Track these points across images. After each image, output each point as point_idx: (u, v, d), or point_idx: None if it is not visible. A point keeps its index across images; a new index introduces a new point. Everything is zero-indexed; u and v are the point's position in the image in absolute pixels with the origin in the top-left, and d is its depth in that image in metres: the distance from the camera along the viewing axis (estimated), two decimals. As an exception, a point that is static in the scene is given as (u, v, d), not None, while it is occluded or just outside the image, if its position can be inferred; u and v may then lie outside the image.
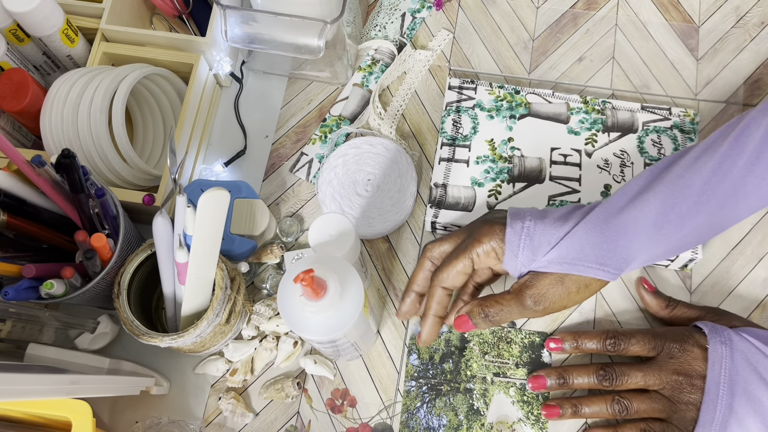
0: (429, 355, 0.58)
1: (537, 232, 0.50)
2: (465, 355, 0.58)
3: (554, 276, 0.50)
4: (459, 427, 0.56)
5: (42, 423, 0.52)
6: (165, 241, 0.52)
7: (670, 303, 0.58)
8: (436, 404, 0.56)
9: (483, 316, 0.53)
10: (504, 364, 0.57)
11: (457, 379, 0.57)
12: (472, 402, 0.57)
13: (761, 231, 0.63)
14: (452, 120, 0.67)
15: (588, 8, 0.75)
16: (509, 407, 0.57)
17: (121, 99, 0.59)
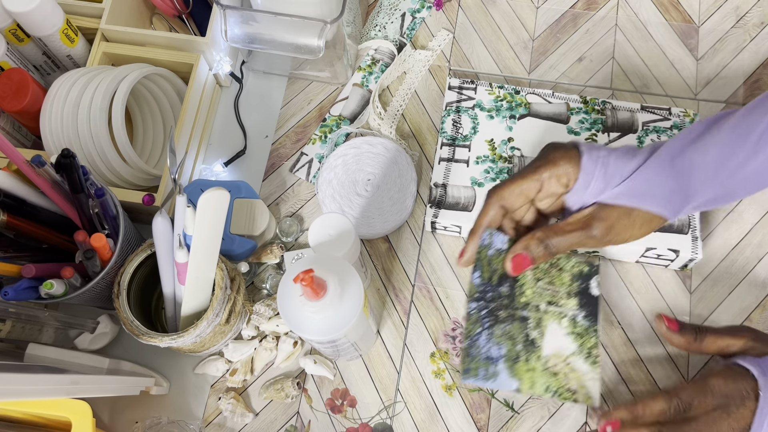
0: (489, 275, 0.54)
1: (611, 163, 0.50)
2: (519, 279, 0.54)
3: (623, 209, 0.50)
4: (517, 358, 0.53)
5: (42, 423, 0.52)
6: (165, 241, 0.52)
7: (697, 335, 0.53)
8: (494, 332, 0.53)
9: (543, 246, 0.51)
10: (556, 292, 0.55)
11: (512, 305, 0.54)
12: (527, 332, 0.54)
13: (761, 231, 0.63)
14: (452, 120, 0.67)
15: (588, 8, 0.75)
16: (563, 339, 0.54)
17: (121, 99, 0.59)
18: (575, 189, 0.51)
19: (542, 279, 0.55)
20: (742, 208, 0.64)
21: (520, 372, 0.52)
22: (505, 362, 0.52)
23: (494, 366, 0.52)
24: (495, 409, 0.59)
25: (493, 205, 0.52)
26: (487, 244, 0.53)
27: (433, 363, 0.61)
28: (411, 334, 0.62)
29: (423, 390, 0.60)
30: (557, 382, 0.52)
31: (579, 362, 0.53)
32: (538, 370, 0.52)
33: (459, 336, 0.62)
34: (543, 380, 0.52)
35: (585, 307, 0.54)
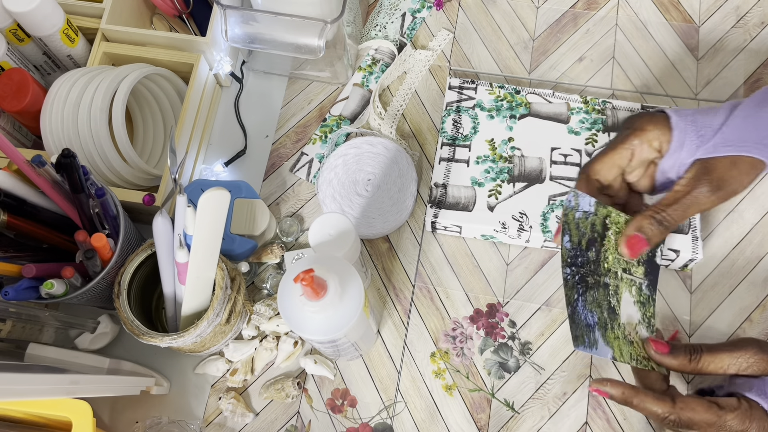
0: (578, 238, 0.52)
1: (699, 119, 0.50)
2: (604, 244, 0.53)
3: (726, 159, 0.50)
4: (606, 326, 0.51)
5: (42, 423, 0.52)
6: (165, 241, 0.52)
7: (692, 357, 0.50)
8: (587, 298, 0.51)
9: (657, 223, 0.50)
10: (631, 260, 0.54)
11: (598, 272, 0.52)
12: (609, 299, 0.52)
13: (761, 231, 0.63)
14: (452, 120, 0.67)
15: (588, 8, 0.75)
16: (631, 308, 0.53)
17: (121, 99, 0.59)
18: (670, 151, 0.51)
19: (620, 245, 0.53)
20: (742, 208, 0.64)
21: (611, 339, 0.51)
22: (599, 329, 0.50)
23: (593, 333, 0.50)
24: (495, 409, 0.59)
25: (588, 181, 0.52)
26: (573, 206, 0.51)
27: (433, 363, 0.61)
28: (411, 334, 0.62)
29: (423, 390, 0.60)
30: (635, 350, 0.51)
31: (643, 330, 0.52)
32: (620, 338, 0.51)
33: (459, 336, 0.62)
34: (626, 348, 0.51)
35: (648, 276, 0.54)
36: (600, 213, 0.52)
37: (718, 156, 0.50)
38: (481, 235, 0.64)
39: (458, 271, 0.64)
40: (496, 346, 0.61)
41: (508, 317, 0.62)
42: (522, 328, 0.62)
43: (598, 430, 0.58)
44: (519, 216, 0.61)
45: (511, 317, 0.62)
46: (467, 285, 0.63)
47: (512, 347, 0.61)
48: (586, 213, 0.52)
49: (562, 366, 0.60)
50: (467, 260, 0.64)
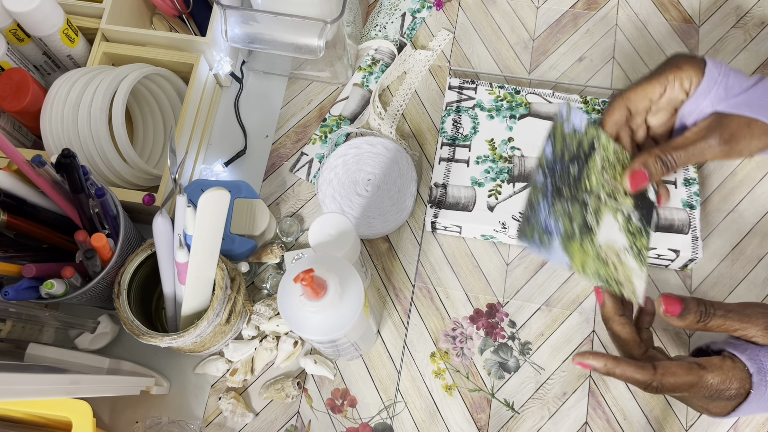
0: (561, 151, 0.53)
1: (731, 75, 0.52)
2: (588, 164, 0.54)
3: (743, 119, 0.52)
4: (572, 237, 0.52)
5: (42, 423, 0.52)
6: (165, 241, 0.52)
7: (702, 317, 0.49)
8: (556, 207, 0.52)
9: (661, 162, 0.53)
10: (616, 187, 0.55)
11: (577, 188, 0.53)
12: (585, 215, 0.53)
13: (761, 231, 0.63)
14: (452, 120, 0.67)
15: (588, 8, 0.75)
16: (616, 233, 0.53)
17: (121, 99, 0.59)
18: (696, 94, 0.52)
19: (608, 170, 0.54)
20: (742, 208, 0.64)
21: (573, 251, 0.51)
22: (561, 238, 0.51)
23: (550, 238, 0.51)
24: (495, 409, 0.59)
25: (619, 106, 0.54)
26: (564, 118, 0.52)
27: (433, 363, 0.61)
28: (411, 334, 0.62)
29: (423, 390, 0.60)
30: (606, 271, 0.51)
31: (629, 258, 0.52)
32: (590, 254, 0.52)
33: (459, 336, 0.62)
34: (594, 265, 0.51)
35: (640, 209, 0.54)
36: (590, 133, 0.54)
37: (736, 113, 0.52)
38: (481, 235, 0.64)
39: (458, 271, 0.64)
40: (496, 346, 0.61)
41: (508, 317, 0.62)
42: (522, 328, 0.62)
43: (598, 430, 0.58)
44: (519, 216, 0.61)
45: (511, 317, 0.62)
46: (467, 285, 0.63)
47: (512, 347, 0.61)
48: (575, 130, 0.53)
49: (562, 366, 0.60)
50: (467, 260, 0.64)
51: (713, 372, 0.46)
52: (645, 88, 0.54)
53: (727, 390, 0.46)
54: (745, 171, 0.66)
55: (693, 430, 0.57)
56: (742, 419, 0.57)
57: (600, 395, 0.59)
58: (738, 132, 0.52)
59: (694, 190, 0.62)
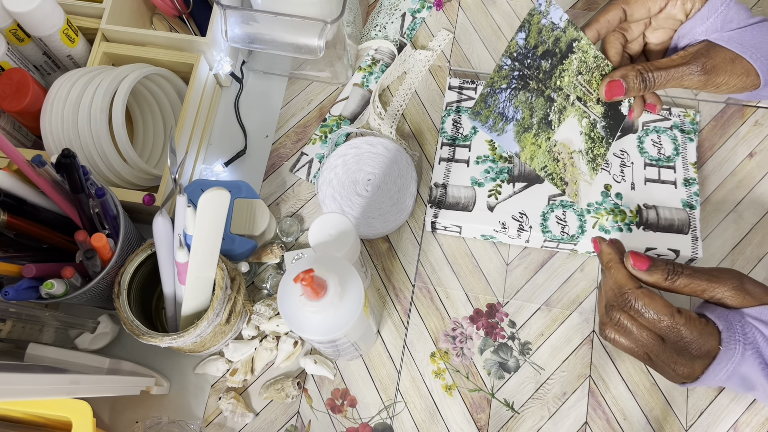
0: (535, 43, 0.53)
1: (733, 8, 0.52)
2: (564, 64, 0.54)
3: (729, 53, 0.52)
4: (529, 128, 0.53)
5: (42, 423, 0.52)
6: (165, 241, 0.52)
7: (669, 276, 0.50)
8: (518, 95, 0.53)
9: (641, 78, 0.53)
10: (589, 93, 0.55)
11: (546, 83, 0.54)
12: (548, 112, 0.54)
13: (761, 231, 0.63)
14: (452, 120, 0.67)
15: (588, 8, 0.75)
16: (576, 135, 0.55)
17: (121, 99, 0.59)
18: (695, 18, 0.53)
19: (584, 75, 0.54)
20: (742, 208, 0.64)
21: (526, 141, 0.52)
22: (516, 126, 0.52)
23: (504, 123, 0.52)
24: (495, 409, 0.59)
25: (615, 7, 0.54)
26: (542, 11, 0.52)
27: (433, 363, 0.61)
28: (411, 334, 0.62)
29: (423, 390, 0.60)
30: (554, 167, 0.52)
31: (581, 161, 0.53)
32: (542, 148, 0.52)
33: (459, 336, 0.62)
34: (543, 158, 0.52)
35: (608, 119, 0.54)
36: (569, 33, 0.54)
37: (725, 47, 0.52)
38: (481, 235, 0.64)
39: (458, 271, 0.64)
40: (495, 346, 0.61)
41: (508, 317, 0.62)
42: (522, 328, 0.62)
43: (597, 430, 0.58)
44: (519, 216, 0.61)
45: (511, 317, 0.62)
46: (467, 285, 0.63)
47: (512, 347, 0.61)
48: (553, 24, 0.52)
49: (561, 366, 0.60)
50: (467, 260, 0.64)
51: (686, 321, 0.47)
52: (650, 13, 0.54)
53: (694, 342, 0.46)
54: (745, 171, 0.66)
55: (693, 430, 0.57)
56: (742, 419, 0.57)
57: (600, 395, 0.59)
58: (720, 65, 0.52)
59: (694, 190, 0.62)
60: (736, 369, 0.46)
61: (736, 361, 0.46)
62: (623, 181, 0.63)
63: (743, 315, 0.47)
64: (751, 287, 0.48)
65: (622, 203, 0.62)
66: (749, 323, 0.47)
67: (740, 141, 0.67)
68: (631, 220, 0.61)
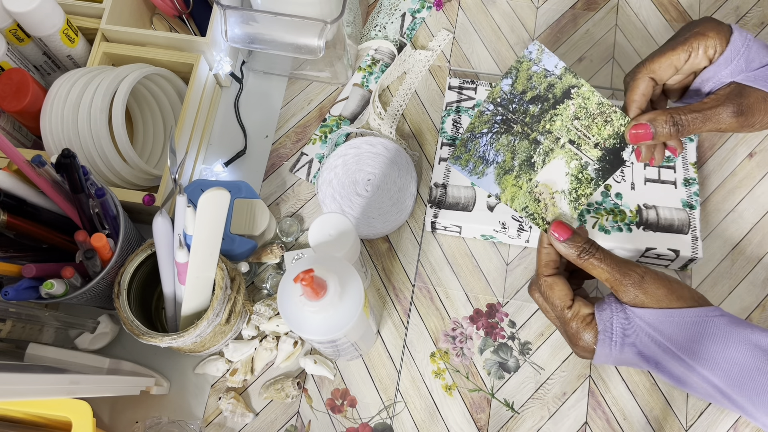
0: (523, 89, 0.53)
1: (754, 46, 0.52)
2: (557, 108, 0.53)
3: (760, 93, 0.52)
4: (510, 170, 0.53)
5: (42, 423, 0.52)
6: (165, 241, 0.52)
7: (581, 254, 0.50)
8: (500, 139, 0.53)
9: (672, 123, 0.52)
10: (586, 137, 0.54)
11: (533, 126, 0.53)
12: (532, 154, 0.53)
13: (761, 231, 0.63)
14: (452, 120, 0.67)
15: (588, 8, 0.75)
16: (560, 176, 0.53)
17: (121, 99, 0.59)
18: (718, 63, 0.52)
19: (582, 120, 0.53)
20: (742, 208, 0.64)
21: (506, 183, 0.53)
22: (496, 169, 0.52)
23: (484, 167, 0.52)
24: (495, 409, 0.59)
25: (643, 79, 0.53)
26: (533, 59, 0.52)
27: (433, 363, 0.61)
28: (411, 334, 0.62)
29: (423, 390, 0.60)
30: (535, 207, 0.53)
31: (563, 201, 0.53)
32: (523, 189, 0.53)
33: (459, 336, 0.62)
34: (523, 199, 0.53)
35: (603, 162, 0.54)
36: (566, 80, 0.53)
37: (754, 87, 0.52)
38: (481, 235, 0.64)
39: (458, 271, 0.64)
40: (495, 346, 0.61)
41: (508, 317, 0.62)
42: (522, 328, 0.62)
43: (597, 430, 0.58)
44: (519, 216, 0.61)
45: (511, 317, 0.62)
46: (467, 285, 0.63)
47: (512, 347, 0.61)
48: (546, 71, 0.52)
49: (561, 366, 0.60)
50: (467, 260, 0.64)
51: (573, 315, 0.50)
52: (670, 57, 0.53)
53: (576, 336, 0.50)
54: (745, 171, 0.66)
55: (693, 430, 0.57)
56: (742, 419, 0.57)
57: (600, 395, 0.59)
58: (754, 105, 0.52)
59: (694, 190, 0.62)
60: (617, 361, 0.50)
61: (614, 356, 0.49)
62: (623, 181, 0.63)
63: (629, 318, 0.48)
64: (651, 287, 0.48)
65: (622, 203, 0.62)
66: (636, 325, 0.48)
67: (740, 141, 0.67)
68: (631, 220, 0.61)
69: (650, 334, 0.47)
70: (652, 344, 0.47)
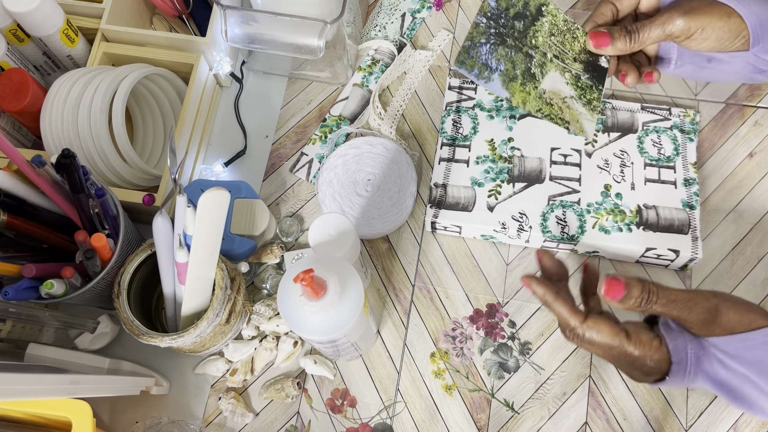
0: (506, 5, 0.56)
1: None
2: (536, 25, 0.57)
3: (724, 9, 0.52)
4: (514, 78, 0.55)
5: (42, 423, 0.52)
6: (165, 241, 0.52)
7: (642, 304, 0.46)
8: (498, 50, 0.55)
9: (626, 31, 0.55)
10: (564, 52, 0.57)
11: (522, 41, 0.56)
12: (529, 66, 0.56)
13: (761, 231, 0.63)
14: (452, 120, 0.67)
15: (588, 8, 0.75)
16: (563, 85, 0.56)
17: (121, 99, 0.59)
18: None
19: (556, 36, 0.57)
20: (742, 209, 0.64)
21: (514, 89, 0.54)
22: (501, 76, 0.54)
23: (489, 73, 0.54)
24: (495, 409, 0.59)
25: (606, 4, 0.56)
26: None
27: (433, 363, 0.61)
28: (411, 334, 0.62)
29: (423, 390, 0.60)
30: (550, 109, 0.54)
31: (577, 104, 0.55)
32: (532, 95, 0.54)
33: (459, 336, 0.62)
34: (536, 103, 0.54)
35: (590, 72, 0.56)
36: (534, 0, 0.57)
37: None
38: (481, 235, 0.64)
39: (458, 271, 0.64)
40: (495, 346, 0.61)
41: (508, 317, 0.62)
42: (522, 328, 0.62)
43: (597, 430, 0.58)
44: (519, 216, 0.61)
45: (511, 317, 0.62)
46: (467, 285, 0.63)
47: (512, 347, 0.61)
48: None
49: (561, 366, 0.60)
50: (467, 260, 0.64)
51: (636, 345, 0.46)
52: None
53: (643, 365, 0.46)
54: (745, 171, 0.66)
55: (693, 430, 0.57)
56: (742, 419, 0.57)
57: (600, 395, 0.59)
58: (698, 7, 0.53)
59: (694, 190, 0.62)
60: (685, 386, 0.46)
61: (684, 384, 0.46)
62: (623, 181, 0.63)
63: (703, 346, 0.45)
64: (725, 316, 0.45)
65: (622, 203, 0.62)
66: (709, 353, 0.45)
67: (740, 141, 0.67)
68: (631, 220, 0.61)
69: (725, 361, 0.44)
70: (725, 371, 0.45)
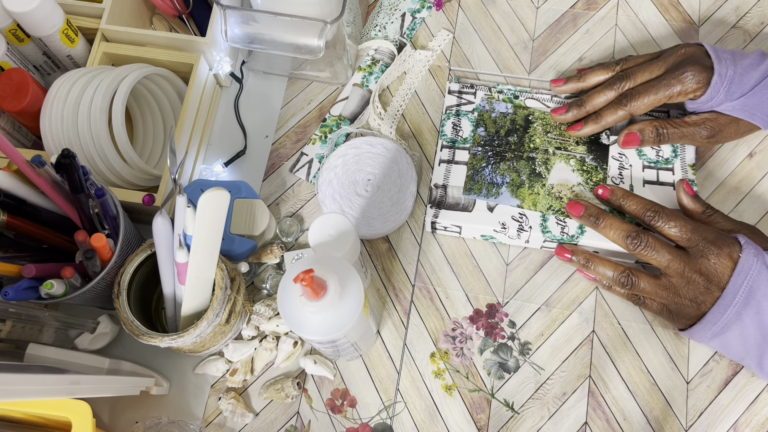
0: (495, 129, 0.62)
1: (735, 81, 0.58)
2: (529, 131, 0.62)
3: (733, 117, 0.60)
4: (521, 185, 0.60)
5: (42, 423, 0.52)
6: (165, 241, 0.52)
7: (707, 210, 0.58)
8: (500, 166, 0.60)
9: (656, 133, 0.61)
10: (565, 140, 0.61)
11: (520, 150, 0.61)
12: (534, 167, 0.60)
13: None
14: (452, 123, 0.67)
15: (588, 8, 0.75)
16: (569, 174, 0.61)
17: (121, 99, 0.59)
18: (701, 100, 0.59)
19: (551, 132, 0.62)
20: (742, 209, 0.64)
21: (523, 194, 0.60)
22: (509, 187, 0.60)
23: (497, 188, 0.59)
24: (495, 409, 0.59)
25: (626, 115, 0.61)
26: (488, 110, 0.62)
27: (433, 363, 0.61)
28: (411, 334, 0.62)
29: (423, 390, 0.60)
30: (560, 204, 0.59)
31: (585, 191, 0.59)
32: (541, 194, 0.59)
33: (459, 336, 0.62)
34: (546, 201, 0.59)
35: (593, 152, 0.61)
36: (520, 113, 0.64)
37: (732, 115, 0.59)
38: (481, 236, 0.64)
39: (458, 271, 0.64)
40: (495, 346, 0.61)
41: (508, 317, 0.62)
42: (522, 328, 0.62)
43: (597, 430, 0.58)
44: (519, 216, 0.61)
45: (511, 317, 0.62)
46: (467, 285, 0.63)
47: (512, 347, 0.61)
48: (504, 114, 0.62)
49: (561, 366, 0.60)
50: (467, 260, 0.64)
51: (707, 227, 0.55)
52: (653, 101, 0.60)
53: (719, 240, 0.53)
54: (745, 171, 0.66)
55: (693, 430, 0.57)
56: (742, 419, 0.57)
57: (600, 395, 0.59)
58: (726, 128, 0.60)
59: (693, 191, 0.62)
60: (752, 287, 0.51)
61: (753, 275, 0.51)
62: (622, 183, 0.63)
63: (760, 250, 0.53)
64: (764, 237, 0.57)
65: (621, 204, 0.62)
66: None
67: (740, 141, 0.67)
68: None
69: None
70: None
